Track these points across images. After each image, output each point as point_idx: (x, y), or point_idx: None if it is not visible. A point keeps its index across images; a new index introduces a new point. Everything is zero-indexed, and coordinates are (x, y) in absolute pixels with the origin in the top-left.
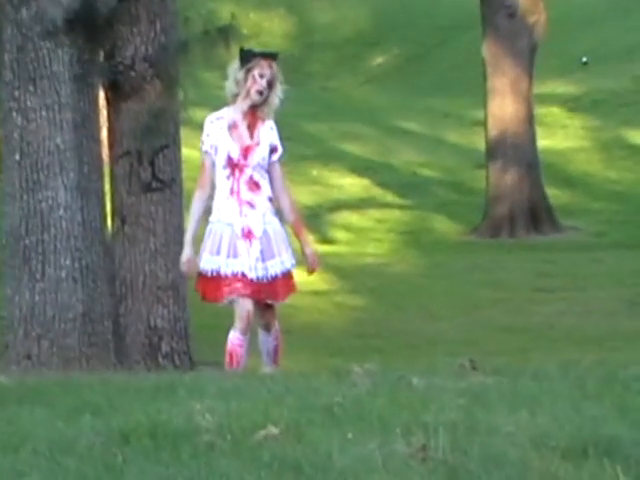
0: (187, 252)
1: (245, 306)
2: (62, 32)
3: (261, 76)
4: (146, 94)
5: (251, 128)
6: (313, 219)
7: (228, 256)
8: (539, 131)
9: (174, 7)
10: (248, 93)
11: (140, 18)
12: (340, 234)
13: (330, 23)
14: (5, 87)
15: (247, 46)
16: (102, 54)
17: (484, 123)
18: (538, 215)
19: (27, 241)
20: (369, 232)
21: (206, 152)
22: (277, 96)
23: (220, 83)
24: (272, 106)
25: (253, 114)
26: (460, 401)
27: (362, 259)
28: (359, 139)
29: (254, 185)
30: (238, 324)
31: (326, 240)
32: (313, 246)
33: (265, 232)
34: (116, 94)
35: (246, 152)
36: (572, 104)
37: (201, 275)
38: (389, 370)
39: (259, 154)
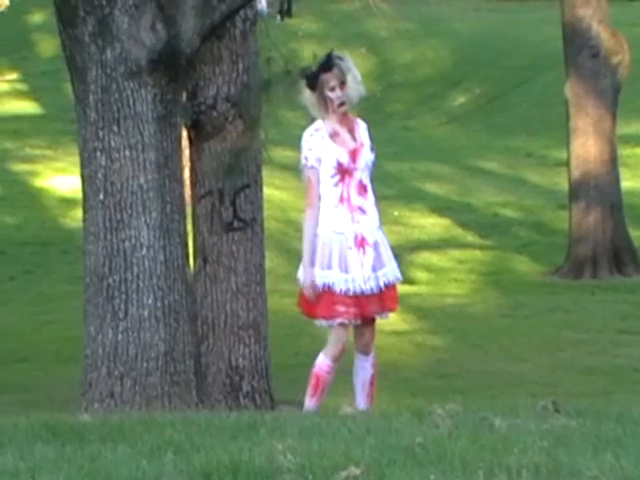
0: (310, 275)
1: (342, 334)
2: (146, 72)
3: (332, 89)
4: (228, 134)
5: (351, 131)
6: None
7: (341, 270)
8: (622, 172)
9: (256, 47)
10: (333, 109)
11: (222, 58)
12: (421, 274)
13: (410, 62)
14: (90, 127)
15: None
16: (185, 94)
17: (567, 163)
18: (621, 256)
19: (110, 280)
20: (450, 272)
21: (312, 167)
22: (354, 86)
23: (301, 122)
24: (357, 96)
25: (347, 117)
26: (543, 443)
27: (443, 299)
28: (440, 179)
29: (362, 189)
30: (331, 350)
31: (407, 280)
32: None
33: (376, 240)
34: (198, 134)
35: (354, 155)
36: None
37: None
38: (470, 411)
39: (365, 155)
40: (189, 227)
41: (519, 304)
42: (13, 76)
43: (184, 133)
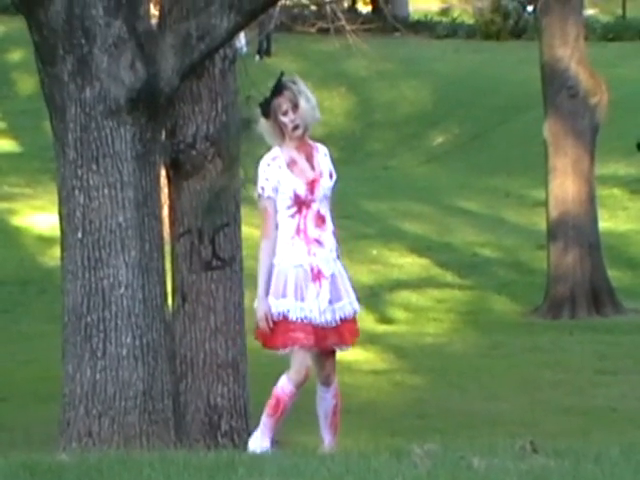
0: (264, 307)
1: (305, 361)
2: (125, 111)
3: (285, 113)
4: (207, 173)
5: (310, 159)
6: (372, 298)
7: (296, 299)
8: (600, 212)
9: (235, 86)
10: (289, 135)
11: (202, 97)
12: (399, 313)
13: (390, 102)
14: (68, 166)
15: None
16: (164, 133)
17: (545, 203)
18: (600, 296)
19: (88, 319)
20: (429, 312)
21: (269, 198)
22: (307, 109)
23: None
24: (311, 120)
25: (305, 143)
26: None
27: (422, 339)
28: (419, 218)
29: (320, 220)
30: (294, 376)
31: (385, 319)
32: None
33: (332, 272)
34: (177, 173)
35: (312, 186)
36: (634, 186)
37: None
38: (449, 451)
39: (324, 185)
40: (168, 265)
41: (498, 344)
42: None
43: (163, 171)
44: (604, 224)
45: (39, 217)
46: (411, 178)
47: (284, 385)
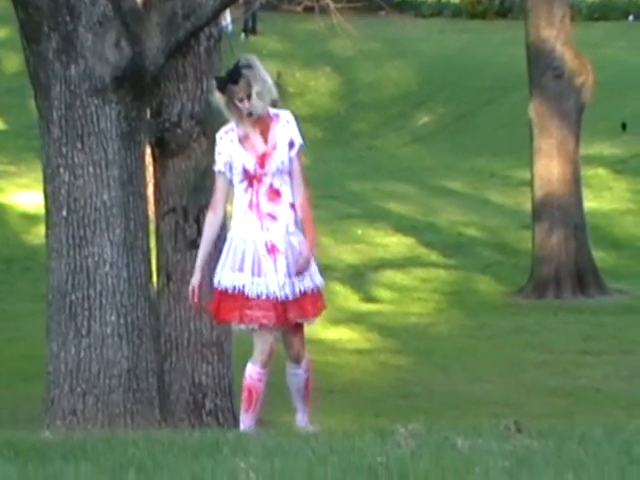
0: (197, 278)
1: (267, 338)
2: (110, 89)
3: (240, 101)
4: (192, 152)
5: (264, 133)
6: (357, 278)
7: (253, 274)
8: (585, 193)
9: (220, 65)
10: (244, 118)
11: (187, 75)
12: (384, 293)
13: (375, 82)
14: (53, 144)
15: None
16: (149, 111)
17: (530, 184)
18: (584, 277)
19: (73, 297)
20: (413, 291)
21: (219, 172)
22: (263, 92)
23: None
24: (269, 101)
25: (262, 118)
26: (505, 464)
27: (406, 318)
28: (404, 198)
29: (274, 194)
30: (258, 356)
31: (370, 299)
32: (310, 249)
33: (290, 245)
34: (162, 151)
35: (262, 160)
36: (619, 166)
37: (220, 293)
38: (433, 431)
39: (277, 159)
40: (153, 244)
41: (482, 324)
42: None
43: (148, 150)
44: (589, 204)
45: (24, 195)
46: (396, 158)
47: (250, 371)
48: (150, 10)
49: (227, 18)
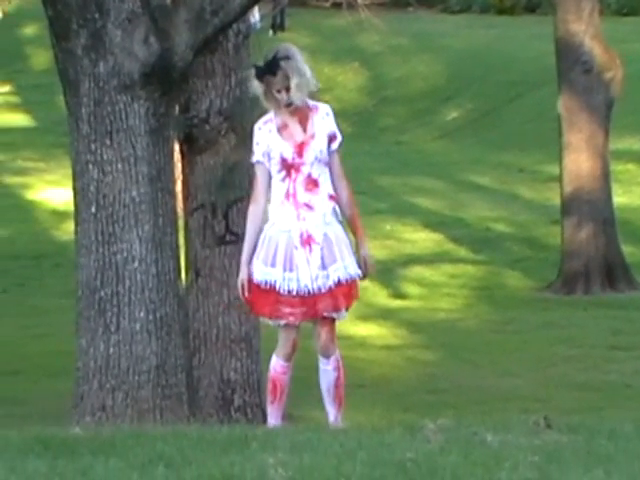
0: (244, 272)
1: (290, 333)
2: (138, 86)
3: (278, 92)
4: (220, 147)
5: (303, 122)
6: (386, 273)
7: (284, 269)
8: (615, 187)
9: (249, 60)
10: (282, 107)
11: (215, 71)
12: (413, 289)
13: (403, 77)
14: (82, 140)
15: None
16: (177, 107)
17: (559, 179)
18: (614, 272)
19: (102, 293)
20: (442, 287)
21: (257, 162)
22: (302, 83)
23: None
24: (307, 92)
25: (301, 108)
26: (534, 459)
27: (435, 314)
28: (432, 194)
29: (312, 184)
30: (282, 350)
31: (398, 295)
32: (368, 248)
33: (326, 236)
34: (191, 147)
35: (300, 149)
36: None
37: (255, 286)
38: (462, 426)
39: (315, 148)
40: (181, 240)
41: (511, 319)
42: (6, 89)
43: (176, 146)
44: (618, 199)
45: (53, 191)
46: (424, 153)
47: (274, 363)
48: (178, 6)
49: (256, 15)
